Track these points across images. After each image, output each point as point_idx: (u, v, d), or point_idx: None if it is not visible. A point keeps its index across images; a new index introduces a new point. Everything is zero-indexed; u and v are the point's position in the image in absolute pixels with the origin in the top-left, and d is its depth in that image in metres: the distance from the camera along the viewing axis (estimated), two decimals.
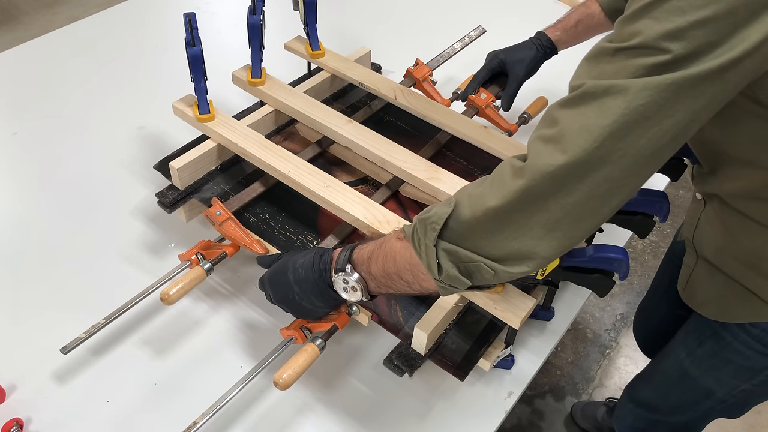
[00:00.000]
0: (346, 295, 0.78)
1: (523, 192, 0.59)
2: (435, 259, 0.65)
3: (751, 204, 0.81)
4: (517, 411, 1.83)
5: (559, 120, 0.58)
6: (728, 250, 0.88)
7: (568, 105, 0.58)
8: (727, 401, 1.06)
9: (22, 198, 1.20)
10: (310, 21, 1.19)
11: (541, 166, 0.57)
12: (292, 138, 1.17)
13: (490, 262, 0.62)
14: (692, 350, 1.04)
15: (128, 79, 1.48)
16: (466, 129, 1.10)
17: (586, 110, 0.56)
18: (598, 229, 0.98)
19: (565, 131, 0.57)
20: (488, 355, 0.92)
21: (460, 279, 0.65)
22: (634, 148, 0.55)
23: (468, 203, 0.63)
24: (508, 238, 0.61)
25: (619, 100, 0.54)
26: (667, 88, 0.53)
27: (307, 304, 0.82)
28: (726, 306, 0.93)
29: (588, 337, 2.05)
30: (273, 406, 0.91)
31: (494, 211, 0.61)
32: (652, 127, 0.55)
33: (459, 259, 0.64)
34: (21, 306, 1.01)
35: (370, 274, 0.74)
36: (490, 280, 0.64)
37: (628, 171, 0.57)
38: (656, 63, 0.53)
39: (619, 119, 0.55)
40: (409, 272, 0.70)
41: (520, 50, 1.17)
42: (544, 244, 0.61)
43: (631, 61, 0.55)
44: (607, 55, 0.57)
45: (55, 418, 0.88)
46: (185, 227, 1.12)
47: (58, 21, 3.21)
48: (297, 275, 0.81)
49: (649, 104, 0.54)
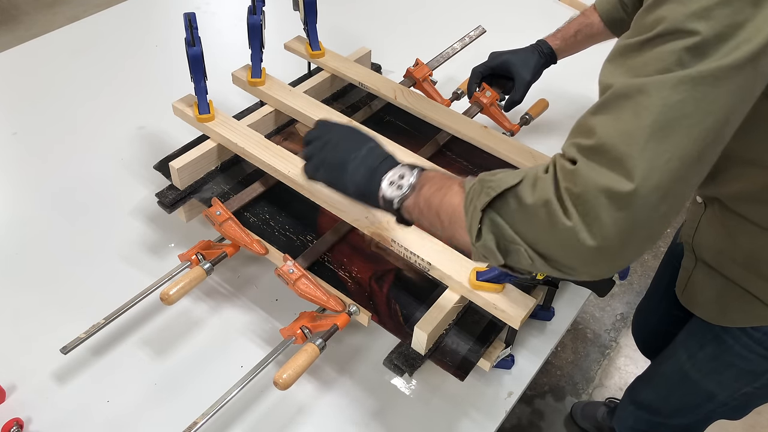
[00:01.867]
0: (385, 187, 0.72)
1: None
2: (477, 224, 0.61)
3: (751, 206, 0.81)
4: (517, 411, 1.82)
5: (595, 130, 0.55)
6: (728, 252, 0.88)
7: (601, 110, 0.55)
8: (729, 404, 1.06)
9: (22, 198, 1.20)
10: (310, 21, 1.19)
11: (592, 186, 0.53)
12: (292, 138, 1.17)
13: (533, 253, 0.59)
14: (693, 353, 1.04)
15: (128, 79, 1.48)
16: (466, 129, 1.10)
17: (621, 113, 0.53)
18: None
19: (605, 143, 0.53)
20: (488, 355, 0.92)
21: (495, 254, 0.61)
22: (680, 150, 0.52)
23: (533, 187, 0.58)
24: (560, 244, 0.57)
25: (655, 98, 0.52)
26: (702, 81, 0.51)
27: (351, 168, 0.75)
28: (726, 309, 0.93)
29: (588, 337, 2.05)
30: (273, 406, 0.91)
31: (553, 214, 0.56)
32: (694, 126, 0.52)
33: (502, 235, 0.60)
34: (21, 306, 1.01)
35: (420, 191, 0.70)
36: (527, 267, 0.61)
37: (678, 178, 0.53)
38: (686, 46, 0.51)
39: (658, 119, 0.52)
40: (447, 216, 0.67)
41: (524, 54, 1.16)
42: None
43: (659, 50, 0.53)
44: (634, 50, 0.55)
45: (55, 418, 0.88)
46: (185, 227, 1.12)
47: (58, 21, 3.21)
48: (372, 151, 0.76)
49: (687, 100, 0.51)
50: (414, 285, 0.95)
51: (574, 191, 0.54)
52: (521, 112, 1.25)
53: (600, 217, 0.53)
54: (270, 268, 1.05)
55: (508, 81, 1.18)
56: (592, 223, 0.53)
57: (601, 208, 0.52)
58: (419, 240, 0.89)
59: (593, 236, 0.53)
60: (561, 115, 1.34)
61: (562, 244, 0.56)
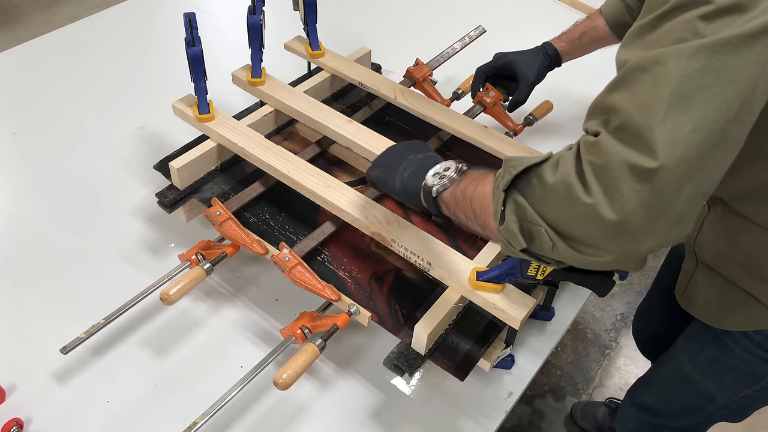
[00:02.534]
0: (430, 177, 0.76)
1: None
2: (501, 206, 0.61)
3: (754, 206, 0.81)
4: (517, 411, 1.82)
5: (616, 108, 0.53)
6: (729, 254, 0.88)
7: (617, 87, 0.54)
8: (729, 406, 1.06)
9: (22, 198, 1.20)
10: (310, 21, 1.19)
11: (614, 158, 0.52)
12: (292, 138, 1.17)
13: (554, 234, 0.57)
14: (694, 355, 1.04)
15: (128, 79, 1.48)
16: (466, 129, 1.10)
17: (639, 87, 0.52)
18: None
19: (626, 119, 0.52)
20: (488, 355, 0.92)
21: (517, 237, 0.60)
22: (702, 122, 0.50)
23: (554, 167, 0.58)
24: (581, 220, 0.56)
25: (673, 68, 0.50)
26: (721, 49, 0.50)
27: (407, 163, 0.81)
28: (726, 312, 0.93)
29: (588, 337, 2.05)
30: (273, 406, 0.91)
31: (573, 190, 0.55)
32: (715, 96, 0.50)
33: (525, 216, 0.59)
34: (21, 306, 1.01)
35: (459, 184, 0.72)
36: (548, 252, 0.59)
37: (702, 153, 0.51)
38: (701, 15, 0.50)
39: (677, 89, 0.50)
40: (479, 203, 0.67)
41: (529, 55, 1.16)
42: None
43: (674, 22, 0.52)
44: (648, 28, 0.54)
45: (55, 418, 0.88)
46: (185, 227, 1.12)
47: (58, 21, 3.21)
48: (425, 150, 0.84)
49: (706, 69, 0.50)
50: (414, 285, 0.95)
51: (596, 163, 0.53)
52: (525, 112, 1.25)
53: (622, 189, 0.51)
54: (270, 268, 1.06)
55: (512, 82, 1.18)
56: (614, 196, 0.52)
57: (624, 181, 0.51)
58: (419, 240, 0.89)
59: (614, 210, 0.52)
60: (564, 117, 1.34)
61: (583, 220, 0.54)
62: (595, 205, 0.52)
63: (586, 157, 0.54)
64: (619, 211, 0.52)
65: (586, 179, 0.53)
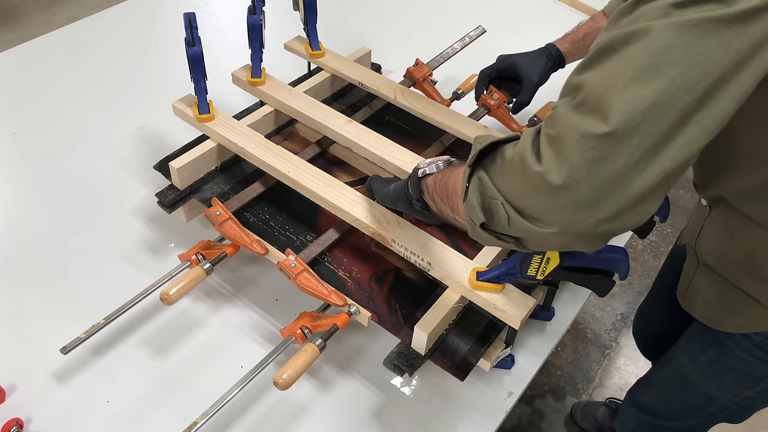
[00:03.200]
0: (420, 164, 0.79)
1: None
2: (467, 182, 0.62)
3: (755, 205, 0.81)
4: (517, 411, 1.82)
5: (582, 84, 0.53)
6: (730, 254, 0.88)
7: (586, 66, 0.54)
8: (729, 408, 1.06)
9: (22, 198, 1.20)
10: (310, 21, 1.19)
11: (567, 126, 0.52)
12: (292, 138, 1.17)
13: (509, 207, 0.58)
14: (694, 356, 1.04)
15: (128, 79, 1.48)
16: (466, 129, 1.10)
17: (608, 66, 0.52)
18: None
19: (588, 93, 0.52)
20: (488, 355, 0.92)
21: (476, 212, 0.61)
22: (663, 97, 0.49)
23: (514, 144, 0.59)
24: (530, 189, 0.56)
25: (641, 45, 0.50)
26: (689, 30, 0.49)
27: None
28: (726, 313, 0.93)
29: (588, 337, 2.05)
30: (273, 406, 0.91)
31: (526, 161, 0.56)
32: (679, 74, 0.49)
33: (485, 191, 0.60)
34: (21, 306, 1.01)
35: (441, 172, 0.77)
36: (505, 227, 0.59)
37: (657, 128, 0.50)
38: (674, 1, 0.50)
39: (641, 63, 0.50)
40: (452, 185, 0.70)
41: (532, 57, 1.15)
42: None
43: (648, 6, 0.51)
44: (624, 13, 0.54)
45: (55, 418, 0.88)
46: (185, 227, 1.12)
47: (58, 21, 3.21)
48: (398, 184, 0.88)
49: (673, 46, 0.49)
50: (414, 285, 0.95)
51: (551, 133, 0.54)
52: (530, 114, 1.25)
53: (570, 155, 0.51)
54: (270, 268, 1.06)
55: (515, 83, 1.17)
56: (563, 162, 0.52)
57: (573, 147, 0.51)
58: (419, 240, 0.89)
59: (560, 174, 0.52)
60: None
61: (534, 190, 0.55)
62: (544, 173, 0.53)
63: (544, 131, 0.55)
64: (566, 176, 0.52)
65: (540, 150, 0.54)
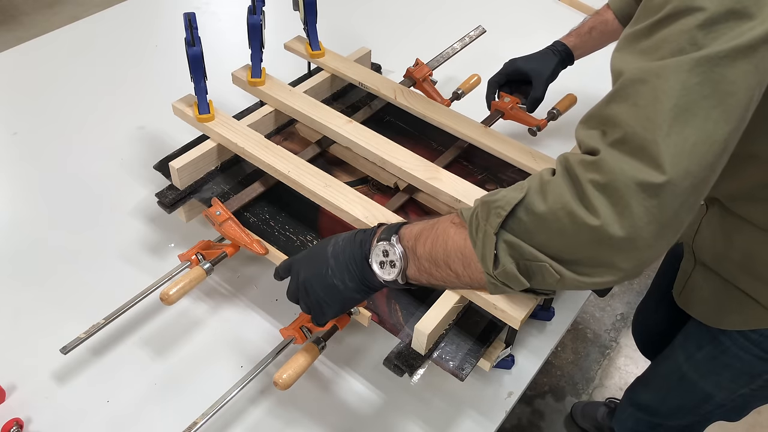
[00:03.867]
0: (381, 272, 0.68)
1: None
2: (493, 250, 0.57)
3: (749, 205, 0.81)
4: (517, 411, 1.82)
5: (615, 119, 0.52)
6: (726, 253, 0.88)
7: (617, 98, 0.53)
8: (727, 405, 1.06)
9: (22, 198, 1.20)
10: (310, 21, 1.19)
11: (620, 174, 0.51)
12: (292, 138, 1.17)
13: (558, 266, 0.55)
14: (691, 354, 1.04)
15: (128, 79, 1.48)
16: (466, 129, 1.10)
17: (639, 99, 0.51)
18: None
19: (627, 133, 0.51)
20: (488, 355, 0.92)
21: (518, 278, 0.57)
22: (704, 134, 0.50)
23: (542, 193, 0.55)
24: (586, 243, 0.53)
25: (673, 81, 0.50)
26: (720, 62, 0.49)
27: (339, 282, 0.72)
28: (723, 312, 0.93)
29: (588, 337, 2.05)
30: (273, 406, 0.91)
31: (575, 215, 0.53)
32: (714, 107, 0.50)
33: (521, 255, 0.56)
34: (21, 306, 1.01)
35: (414, 253, 0.66)
36: (553, 285, 0.56)
37: (706, 164, 0.50)
38: (698, 24, 0.50)
39: (679, 103, 0.50)
40: (459, 262, 0.62)
41: (539, 55, 1.15)
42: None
43: (670, 30, 0.51)
44: (643, 35, 0.53)
45: (55, 418, 0.88)
46: (185, 227, 1.12)
47: (58, 21, 3.21)
48: (336, 249, 0.73)
49: (705, 82, 0.49)
50: None
51: (600, 182, 0.51)
52: (548, 107, 1.23)
53: (631, 206, 0.50)
54: (270, 268, 1.05)
55: (525, 85, 1.17)
56: (623, 213, 0.50)
57: (632, 197, 0.50)
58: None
59: (623, 227, 0.50)
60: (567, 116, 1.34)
61: (591, 243, 0.52)
62: (604, 226, 0.51)
63: (586, 177, 0.52)
64: (629, 228, 0.51)
65: (589, 200, 0.52)
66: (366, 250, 0.70)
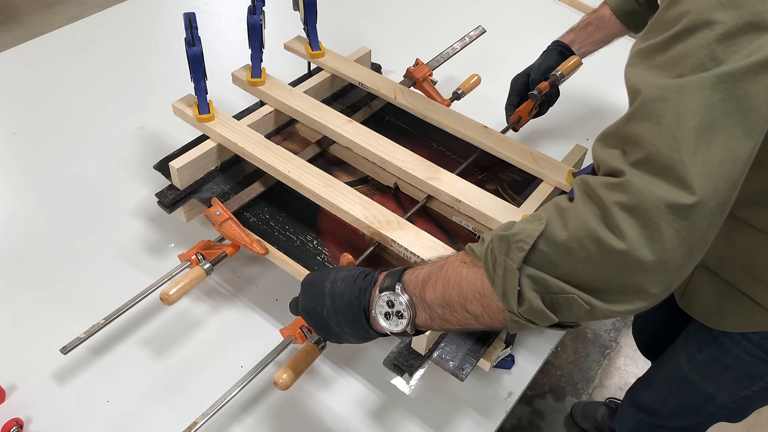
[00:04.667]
0: (387, 324, 0.64)
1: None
2: (516, 286, 0.53)
3: (751, 210, 0.81)
4: (517, 411, 1.82)
5: (637, 138, 0.51)
6: (728, 255, 0.88)
7: (638, 117, 0.52)
8: (728, 407, 1.06)
9: (22, 198, 1.20)
10: (310, 21, 1.19)
11: (648, 196, 0.49)
12: (292, 138, 1.17)
13: (587, 296, 0.52)
14: (692, 356, 1.04)
15: (128, 79, 1.48)
16: (466, 129, 1.10)
17: (662, 118, 0.50)
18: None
19: (651, 152, 0.49)
20: (488, 355, 0.92)
21: (545, 313, 0.54)
22: (729, 151, 0.49)
23: (562, 221, 0.53)
24: (615, 269, 0.51)
25: (696, 99, 0.49)
26: (742, 77, 0.48)
27: (334, 324, 0.69)
28: (724, 313, 0.93)
29: (588, 337, 2.05)
30: (273, 406, 0.91)
31: (601, 240, 0.50)
32: (737, 123, 0.49)
33: (547, 289, 0.53)
34: (21, 306, 1.01)
35: (423, 300, 0.62)
36: (582, 317, 0.54)
37: (732, 181, 0.50)
38: (717, 39, 0.49)
39: (703, 121, 0.48)
40: (478, 303, 0.58)
41: (537, 62, 1.16)
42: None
43: (687, 45, 0.50)
44: (659, 50, 0.52)
45: (55, 418, 0.88)
46: (185, 227, 1.12)
47: (58, 21, 3.21)
48: (334, 287, 0.69)
49: (728, 98, 0.49)
50: None
51: (628, 204, 0.49)
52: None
53: (660, 228, 0.49)
54: (270, 268, 1.06)
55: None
56: (653, 236, 0.49)
57: (662, 219, 0.48)
58: (419, 240, 0.89)
59: (653, 250, 0.49)
60: (564, 116, 1.34)
61: (620, 268, 0.50)
62: (632, 250, 0.49)
63: (611, 199, 0.50)
64: (660, 251, 0.49)
65: (616, 223, 0.50)
66: (365, 302, 0.66)
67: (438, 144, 1.17)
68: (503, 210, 0.94)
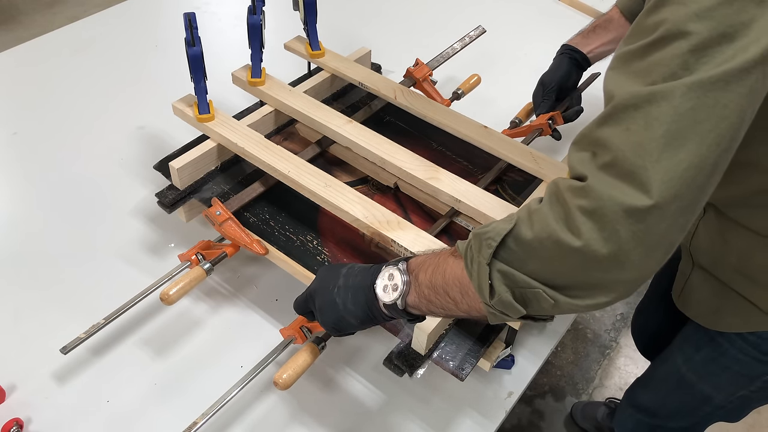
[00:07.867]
0: (382, 294, 0.69)
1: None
2: (487, 280, 0.58)
3: (744, 211, 0.81)
4: (517, 411, 1.82)
5: (606, 143, 0.52)
6: (724, 257, 0.88)
7: (608, 122, 0.53)
8: (726, 407, 1.06)
9: (22, 198, 1.20)
10: (310, 21, 1.19)
11: (607, 200, 0.51)
12: (292, 138, 1.17)
13: (552, 291, 0.55)
14: (690, 356, 1.04)
15: (128, 79, 1.48)
16: (466, 129, 1.10)
17: (631, 124, 0.51)
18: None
19: (617, 157, 0.51)
20: (488, 355, 0.92)
21: (514, 306, 0.57)
22: (696, 158, 0.50)
23: (529, 222, 0.56)
24: (575, 267, 0.53)
25: (665, 107, 0.50)
26: (713, 86, 0.49)
27: (339, 301, 0.74)
28: (721, 314, 0.93)
29: (588, 337, 2.05)
30: (273, 406, 0.91)
31: (560, 241, 0.53)
32: (708, 132, 0.50)
33: (515, 283, 0.57)
34: (21, 306, 1.01)
35: (416, 280, 0.67)
36: (549, 310, 0.57)
37: (696, 187, 0.51)
38: (690, 49, 0.50)
39: (671, 129, 0.49)
40: (458, 290, 0.63)
41: (552, 70, 1.16)
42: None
43: (663, 53, 0.51)
44: (636, 56, 0.53)
45: (55, 418, 0.88)
46: (185, 227, 1.12)
47: (58, 21, 3.21)
48: (350, 271, 0.75)
49: (699, 107, 0.49)
50: None
51: (588, 208, 0.51)
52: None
53: (618, 231, 0.50)
54: (270, 268, 1.06)
55: (557, 102, 1.17)
56: (609, 237, 0.50)
57: (619, 223, 0.50)
58: (419, 240, 0.89)
59: (607, 247, 0.51)
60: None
61: (579, 266, 0.53)
62: (587, 246, 0.51)
63: (574, 203, 0.52)
64: (616, 249, 0.51)
65: (576, 225, 0.52)
66: (374, 276, 0.71)
67: (438, 144, 1.17)
68: (503, 210, 0.94)
